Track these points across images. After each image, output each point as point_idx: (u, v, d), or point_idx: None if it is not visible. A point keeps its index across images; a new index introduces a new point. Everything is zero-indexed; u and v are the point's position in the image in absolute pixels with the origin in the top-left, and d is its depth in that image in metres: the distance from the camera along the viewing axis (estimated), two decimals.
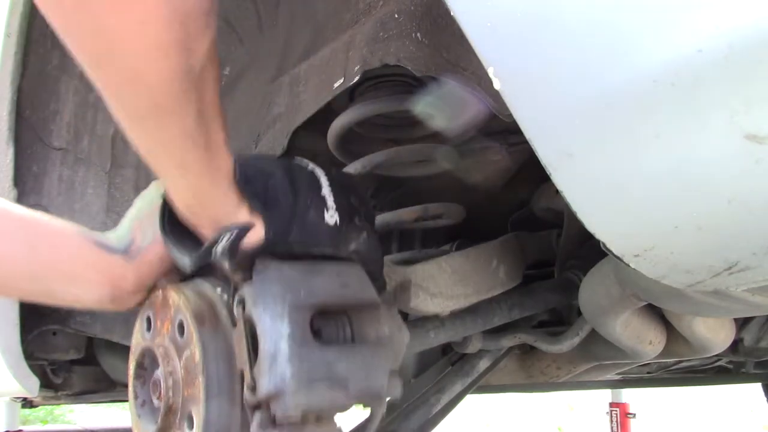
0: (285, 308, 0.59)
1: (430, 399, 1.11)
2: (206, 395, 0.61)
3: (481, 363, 1.15)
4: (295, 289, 0.61)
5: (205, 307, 0.65)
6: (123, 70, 0.49)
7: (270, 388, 0.58)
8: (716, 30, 0.36)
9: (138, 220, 0.71)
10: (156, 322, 0.69)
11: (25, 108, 1.12)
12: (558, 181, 0.43)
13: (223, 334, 0.64)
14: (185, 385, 0.64)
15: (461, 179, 1.04)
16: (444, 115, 0.80)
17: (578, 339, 1.00)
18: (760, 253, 0.43)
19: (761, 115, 0.36)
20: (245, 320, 0.61)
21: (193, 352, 0.62)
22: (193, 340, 0.63)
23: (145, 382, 0.71)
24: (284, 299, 0.60)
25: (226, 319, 0.64)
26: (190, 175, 0.59)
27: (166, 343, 0.66)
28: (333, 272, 0.65)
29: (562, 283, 1.04)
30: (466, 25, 0.43)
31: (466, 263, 0.92)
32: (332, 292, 0.64)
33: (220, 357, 0.62)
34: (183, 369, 0.64)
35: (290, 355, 0.58)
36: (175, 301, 0.66)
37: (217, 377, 0.62)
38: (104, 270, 0.68)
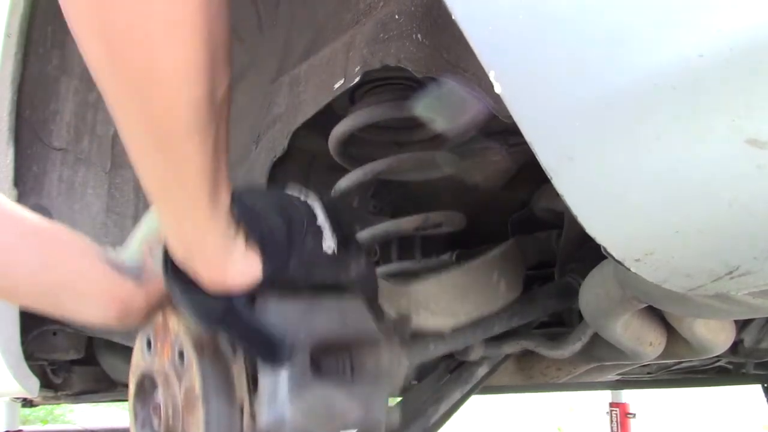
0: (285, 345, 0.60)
1: (428, 408, 1.11)
2: (206, 425, 0.62)
3: (480, 370, 1.15)
4: (296, 329, 0.61)
5: (204, 336, 0.65)
6: (158, 94, 0.49)
7: (270, 421, 0.59)
8: (717, 33, 0.35)
9: (147, 243, 0.70)
10: (156, 343, 0.69)
11: (25, 108, 1.12)
12: (558, 185, 0.43)
13: (223, 363, 0.64)
14: (185, 412, 0.64)
15: (461, 180, 1.04)
16: (444, 116, 0.80)
17: (580, 344, 1.00)
18: (761, 258, 0.42)
19: (762, 119, 0.36)
20: (246, 355, 0.61)
21: (193, 382, 0.63)
22: (193, 370, 0.63)
23: (145, 403, 0.71)
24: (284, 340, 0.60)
25: (226, 347, 0.65)
26: (195, 211, 0.58)
27: (167, 369, 0.67)
28: (333, 308, 0.65)
29: (562, 288, 1.04)
30: (466, 29, 0.43)
31: (466, 280, 0.92)
32: (332, 329, 0.64)
33: (220, 387, 0.63)
34: (183, 396, 0.64)
35: (290, 390, 0.59)
36: (175, 328, 0.66)
37: (216, 407, 0.62)
38: (115, 291, 0.68)
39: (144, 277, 0.69)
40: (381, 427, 0.65)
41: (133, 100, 0.50)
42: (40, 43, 1.12)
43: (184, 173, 0.55)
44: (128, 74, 0.48)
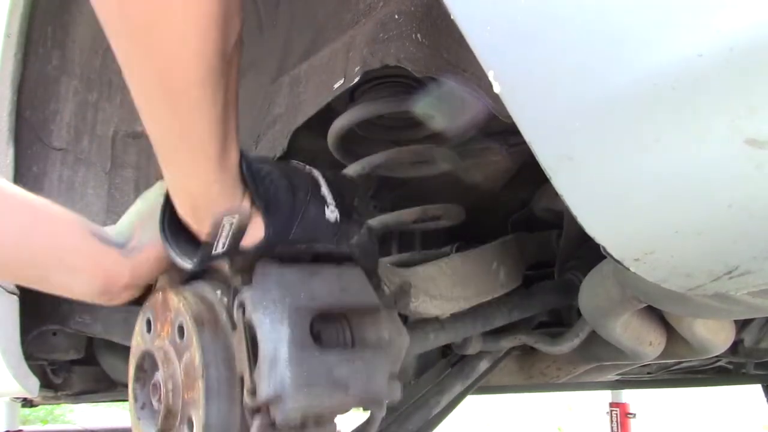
0: (285, 312, 0.59)
1: (429, 401, 1.11)
2: (206, 399, 0.61)
3: (481, 364, 1.15)
4: (295, 293, 0.61)
5: (204, 310, 0.65)
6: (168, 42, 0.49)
7: (270, 392, 0.58)
8: (717, 33, 0.35)
9: (139, 218, 0.70)
10: (156, 324, 0.69)
11: (26, 108, 1.12)
12: (558, 185, 0.43)
13: (223, 338, 0.63)
14: (185, 389, 0.63)
15: (461, 179, 1.04)
16: (444, 115, 0.80)
17: (578, 340, 1.00)
18: (760, 258, 0.42)
19: (762, 119, 0.36)
20: (245, 324, 0.61)
21: (193, 356, 0.62)
22: (193, 344, 0.63)
23: (145, 385, 0.71)
24: (284, 303, 0.60)
25: (226, 322, 0.64)
26: (204, 166, 0.58)
27: (166, 346, 0.66)
28: (333, 276, 0.65)
29: (562, 285, 1.04)
30: (465, 29, 0.43)
31: (466, 265, 0.92)
32: (332, 296, 0.64)
33: (219, 361, 0.62)
34: (183, 372, 0.64)
35: (290, 359, 0.58)
36: (175, 304, 0.66)
37: (216, 381, 0.62)
38: (99, 261, 0.68)
39: (130, 249, 0.68)
40: (382, 398, 0.64)
41: (143, 50, 0.50)
42: (40, 43, 1.12)
43: (193, 125, 0.55)
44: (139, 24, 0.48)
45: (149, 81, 0.52)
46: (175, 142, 0.57)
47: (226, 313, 0.65)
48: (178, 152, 0.58)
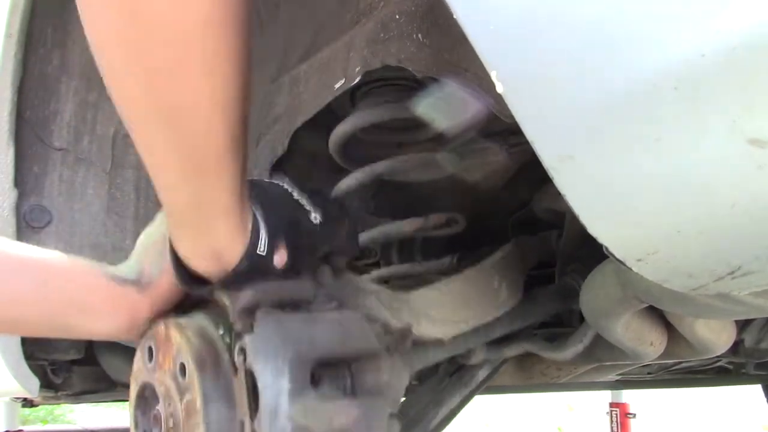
0: (286, 363, 0.60)
1: (429, 413, 1.11)
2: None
3: (481, 372, 1.15)
4: (296, 344, 0.61)
5: (206, 351, 0.65)
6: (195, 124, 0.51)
7: None
8: (719, 34, 0.35)
9: (145, 253, 0.71)
10: (158, 355, 0.69)
11: (26, 108, 1.12)
12: (560, 184, 0.43)
13: (224, 379, 0.64)
14: (185, 427, 0.64)
15: (462, 181, 1.04)
16: (445, 116, 0.80)
17: (582, 346, 1.00)
18: (762, 257, 0.42)
19: (764, 119, 0.36)
20: (246, 371, 0.61)
21: (194, 398, 0.63)
22: (195, 386, 0.63)
23: (145, 412, 0.71)
24: (285, 354, 0.60)
25: (227, 363, 0.65)
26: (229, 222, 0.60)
27: (168, 382, 0.66)
28: (334, 323, 0.65)
29: (562, 290, 1.03)
30: (468, 28, 0.43)
31: (467, 287, 0.92)
32: (333, 344, 0.64)
33: (221, 404, 0.63)
34: (184, 411, 0.64)
35: (290, 412, 0.58)
36: (177, 342, 0.66)
37: (217, 424, 0.62)
38: (119, 301, 0.69)
39: (144, 284, 0.69)
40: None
41: (167, 129, 0.51)
42: (40, 44, 1.12)
43: (218, 193, 0.56)
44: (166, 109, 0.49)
45: (174, 160, 0.53)
46: (202, 211, 0.58)
47: (227, 354, 0.65)
48: (203, 219, 0.59)
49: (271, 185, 0.69)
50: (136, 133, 0.52)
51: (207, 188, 0.56)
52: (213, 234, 0.60)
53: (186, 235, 0.62)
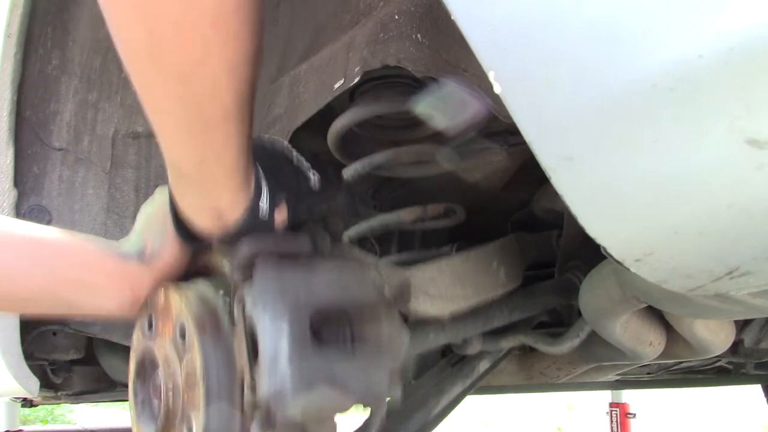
0: (285, 308, 0.59)
1: (429, 400, 1.11)
2: (206, 403, 0.61)
3: (481, 365, 1.15)
4: (295, 290, 0.61)
5: (206, 313, 0.65)
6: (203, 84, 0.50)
7: (270, 389, 0.58)
8: (717, 34, 0.35)
9: (147, 226, 0.71)
10: (157, 322, 0.69)
11: (26, 108, 1.12)
12: (558, 185, 0.43)
13: (224, 341, 0.64)
14: (185, 391, 0.64)
15: (461, 179, 1.04)
16: (444, 115, 0.80)
17: (578, 341, 1.00)
18: (760, 258, 0.42)
19: (762, 120, 0.36)
20: (245, 321, 0.61)
21: (194, 360, 0.62)
22: (194, 348, 0.63)
23: (145, 381, 0.71)
24: (284, 300, 0.60)
25: (227, 324, 0.64)
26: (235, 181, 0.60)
27: (167, 347, 0.66)
28: (332, 273, 0.65)
29: (562, 284, 1.04)
30: (466, 29, 0.43)
31: (465, 265, 0.92)
32: (332, 294, 0.64)
33: (220, 365, 0.63)
34: (183, 374, 0.64)
35: (290, 356, 0.58)
36: (177, 305, 0.66)
37: (217, 386, 0.62)
38: (123, 276, 0.69)
39: (147, 257, 0.70)
40: (383, 398, 0.64)
41: (176, 87, 0.50)
42: (40, 43, 1.12)
43: (223, 150, 0.56)
44: (174, 63, 0.49)
45: (180, 116, 0.53)
46: (207, 168, 0.58)
47: (228, 316, 0.65)
48: (208, 176, 0.59)
49: (273, 144, 0.70)
50: (143, 88, 0.52)
51: (212, 145, 0.56)
52: (216, 191, 0.61)
53: (189, 192, 0.62)
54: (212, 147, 0.56)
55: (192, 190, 0.62)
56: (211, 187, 0.61)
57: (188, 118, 0.53)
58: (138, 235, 0.71)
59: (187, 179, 0.61)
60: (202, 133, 0.54)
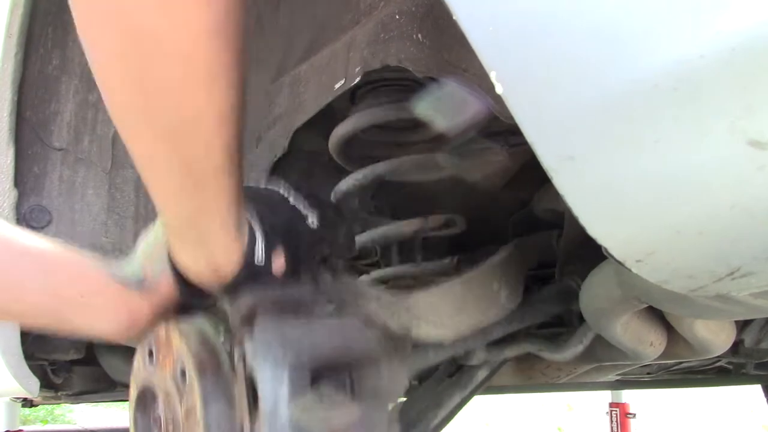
0: (285, 369, 0.60)
1: (428, 413, 1.11)
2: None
3: (480, 373, 1.15)
4: (296, 349, 0.61)
5: (207, 354, 0.65)
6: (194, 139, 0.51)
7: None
8: (718, 35, 0.35)
9: (146, 257, 0.72)
10: (158, 355, 0.69)
11: (26, 108, 1.12)
12: (559, 185, 0.43)
13: (224, 384, 0.64)
14: (185, 428, 0.64)
15: (462, 181, 1.04)
16: (445, 116, 0.80)
17: (582, 347, 1.00)
18: (762, 259, 0.42)
19: (763, 120, 0.36)
20: (246, 377, 0.62)
21: (194, 403, 0.63)
22: (195, 392, 0.63)
23: (145, 413, 0.72)
24: (284, 360, 0.60)
25: (228, 366, 0.65)
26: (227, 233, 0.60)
27: (168, 385, 0.67)
28: (333, 328, 0.66)
29: (562, 291, 1.04)
30: (467, 29, 0.43)
31: (467, 291, 0.92)
32: (333, 350, 0.64)
33: (220, 408, 0.63)
34: (184, 416, 0.64)
35: (290, 418, 0.59)
36: (177, 344, 0.66)
37: (217, 429, 0.62)
38: (122, 302, 0.69)
39: (146, 288, 0.70)
40: None
41: (167, 146, 0.51)
42: (40, 43, 1.12)
43: (215, 204, 0.57)
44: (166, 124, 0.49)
45: (172, 174, 0.54)
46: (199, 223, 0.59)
47: (228, 359, 0.65)
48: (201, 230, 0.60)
49: (266, 192, 0.70)
50: (134, 147, 0.53)
51: (205, 202, 0.56)
52: (210, 247, 0.61)
53: (184, 248, 0.63)
54: (204, 202, 0.56)
55: (185, 246, 0.62)
56: (204, 242, 0.61)
57: (179, 175, 0.53)
58: (138, 264, 0.71)
59: (179, 235, 0.62)
60: (193, 189, 0.55)
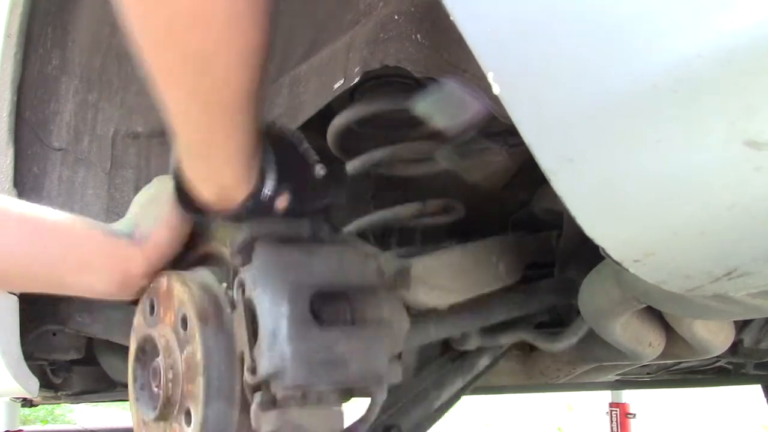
0: (284, 289, 0.60)
1: (430, 394, 1.11)
2: (206, 396, 0.61)
3: (481, 362, 1.15)
4: (295, 271, 0.61)
5: (208, 303, 0.65)
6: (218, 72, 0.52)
7: (270, 368, 0.58)
8: (717, 35, 0.35)
9: (140, 208, 0.72)
10: (159, 309, 0.69)
11: (25, 108, 1.12)
12: (557, 187, 0.43)
13: (225, 333, 0.64)
14: (185, 381, 0.64)
15: (461, 179, 1.04)
16: (444, 116, 0.80)
17: (576, 338, 1.00)
18: (759, 259, 0.42)
19: (762, 120, 0.36)
20: (245, 303, 0.61)
21: (195, 351, 0.63)
22: (196, 339, 0.63)
23: (145, 366, 0.71)
24: (283, 281, 0.60)
25: (229, 315, 0.65)
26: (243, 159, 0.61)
27: (168, 335, 0.67)
28: (332, 255, 0.65)
29: (562, 283, 1.04)
30: (465, 30, 0.43)
31: (465, 257, 0.92)
32: (332, 274, 0.64)
33: (221, 357, 0.63)
34: (184, 364, 0.64)
35: (290, 335, 0.58)
36: (179, 295, 0.66)
37: (217, 378, 0.62)
38: (114, 256, 0.70)
39: (138, 238, 0.70)
40: (382, 375, 0.64)
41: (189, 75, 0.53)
42: (40, 43, 1.12)
43: (233, 134, 0.58)
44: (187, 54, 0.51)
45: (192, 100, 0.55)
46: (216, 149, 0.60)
47: (230, 308, 0.65)
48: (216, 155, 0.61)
49: (282, 131, 0.71)
50: (155, 72, 0.54)
51: (223, 127, 0.57)
52: (223, 170, 0.62)
53: (196, 167, 0.64)
54: (222, 128, 0.58)
55: (198, 165, 0.63)
56: (217, 166, 0.62)
57: (199, 101, 0.55)
58: (130, 217, 0.72)
59: (194, 156, 0.63)
60: (212, 115, 0.56)
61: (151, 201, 0.71)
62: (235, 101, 0.55)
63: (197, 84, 0.53)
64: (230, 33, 0.50)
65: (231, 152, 0.60)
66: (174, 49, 0.50)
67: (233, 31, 0.50)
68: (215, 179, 0.63)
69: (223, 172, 0.63)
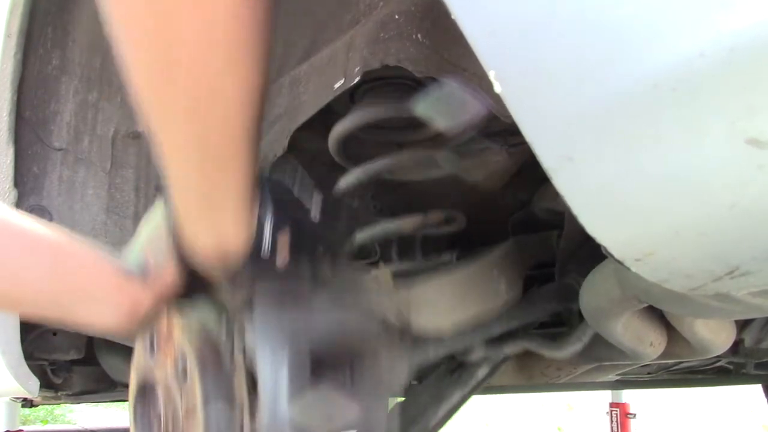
0: (285, 360, 0.60)
1: (428, 410, 1.11)
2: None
3: (480, 371, 1.15)
4: (296, 340, 0.62)
5: (208, 346, 0.65)
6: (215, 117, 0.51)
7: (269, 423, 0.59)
8: (718, 34, 0.35)
9: (148, 241, 0.72)
10: (159, 344, 0.69)
11: (26, 108, 1.12)
12: (559, 185, 0.43)
13: (225, 381, 0.64)
14: (185, 420, 0.64)
15: (462, 180, 1.04)
16: (444, 115, 0.80)
17: (581, 345, 1.00)
18: (760, 258, 0.42)
19: (763, 119, 0.36)
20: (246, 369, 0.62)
21: (195, 400, 0.63)
22: (196, 387, 0.63)
23: (145, 405, 0.72)
24: (284, 351, 0.60)
25: (228, 362, 0.65)
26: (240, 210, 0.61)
27: (169, 379, 0.67)
28: (333, 319, 0.66)
29: (562, 290, 1.04)
30: (466, 29, 0.43)
31: (467, 281, 0.92)
32: (332, 341, 0.64)
33: (221, 405, 0.63)
34: (183, 405, 0.64)
35: (290, 409, 0.59)
36: (179, 339, 0.66)
37: (216, 423, 0.62)
38: (123, 291, 0.70)
39: (148, 279, 0.70)
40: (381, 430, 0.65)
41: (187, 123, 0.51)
42: (40, 43, 1.12)
43: (231, 183, 0.58)
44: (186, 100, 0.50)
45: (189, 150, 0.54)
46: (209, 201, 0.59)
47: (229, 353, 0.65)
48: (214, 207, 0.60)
49: (276, 182, 0.70)
50: (152, 120, 0.53)
51: (219, 178, 0.57)
52: (221, 224, 0.61)
53: (195, 226, 0.63)
54: (218, 180, 0.57)
55: (197, 223, 0.63)
56: (216, 221, 0.61)
57: (196, 151, 0.54)
58: (140, 251, 0.72)
59: (192, 212, 0.62)
60: (208, 165, 0.55)
61: (157, 234, 0.71)
62: (234, 147, 0.54)
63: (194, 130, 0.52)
64: (232, 75, 0.49)
65: (233, 203, 0.60)
66: (172, 95, 0.50)
67: (235, 74, 0.49)
68: (213, 236, 0.62)
69: (221, 227, 0.62)
